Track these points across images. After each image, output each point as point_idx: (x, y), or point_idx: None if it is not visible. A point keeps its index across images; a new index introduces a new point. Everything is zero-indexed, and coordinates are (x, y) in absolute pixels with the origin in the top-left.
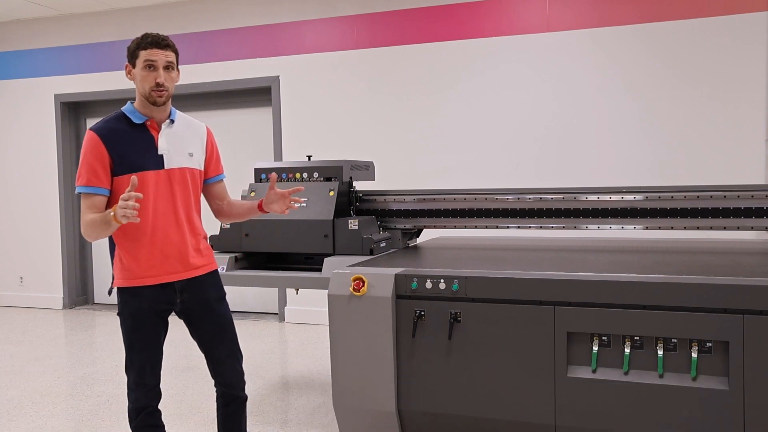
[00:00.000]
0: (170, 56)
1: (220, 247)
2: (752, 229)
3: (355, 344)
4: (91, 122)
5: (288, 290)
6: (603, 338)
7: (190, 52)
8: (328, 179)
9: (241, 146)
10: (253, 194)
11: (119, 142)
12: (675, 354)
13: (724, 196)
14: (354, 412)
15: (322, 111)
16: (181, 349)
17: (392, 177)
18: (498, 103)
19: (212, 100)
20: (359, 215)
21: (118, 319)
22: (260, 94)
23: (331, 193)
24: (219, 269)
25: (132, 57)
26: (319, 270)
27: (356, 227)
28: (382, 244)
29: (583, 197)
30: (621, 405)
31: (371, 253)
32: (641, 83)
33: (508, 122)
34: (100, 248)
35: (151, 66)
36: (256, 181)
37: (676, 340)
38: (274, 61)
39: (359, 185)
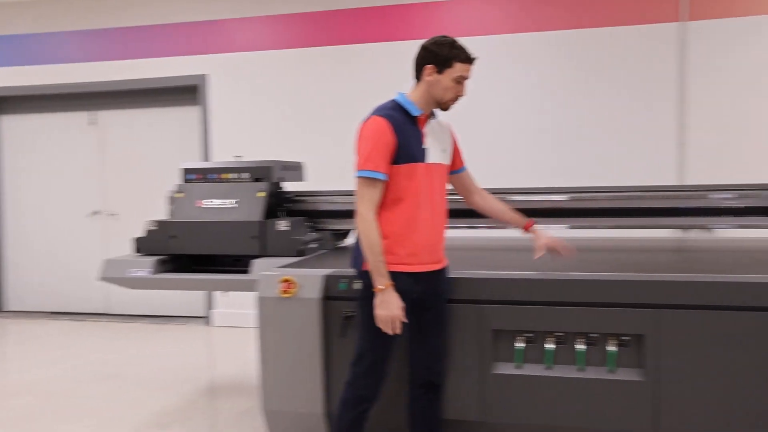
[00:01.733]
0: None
1: (144, 249)
2: (665, 228)
3: (283, 346)
4: (7, 119)
5: (216, 293)
6: (527, 335)
7: (114, 47)
8: (257, 180)
9: (167, 146)
10: (179, 195)
11: (403, 131)
12: (595, 348)
13: (640, 197)
14: (282, 415)
15: (253, 111)
16: (103, 354)
17: (323, 178)
18: None
19: (137, 98)
20: (289, 216)
21: (21, 326)
22: (188, 92)
23: (260, 194)
24: (143, 273)
25: (443, 63)
26: (248, 272)
27: (285, 228)
28: (312, 246)
29: (510, 197)
30: (545, 399)
31: (301, 254)
32: (561, 89)
33: None
34: (12, 253)
35: (461, 81)
36: (182, 181)
37: (595, 335)
38: (203, 59)
39: (289, 186)
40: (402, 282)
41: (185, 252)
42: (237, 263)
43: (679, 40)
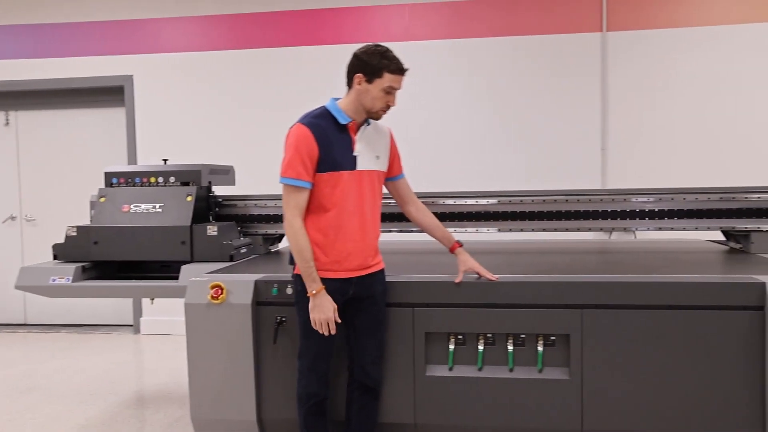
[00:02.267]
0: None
1: (64, 256)
2: (590, 230)
3: (213, 354)
4: None
5: (143, 300)
6: (459, 337)
7: (33, 45)
8: (186, 184)
9: (90, 149)
10: (102, 199)
11: (327, 139)
12: (523, 348)
13: (566, 200)
14: (213, 423)
15: (181, 113)
16: (22, 367)
17: (254, 182)
18: None
19: (58, 98)
20: (219, 221)
21: None
22: (112, 93)
23: (189, 198)
24: (64, 281)
25: (372, 72)
26: (176, 278)
27: (215, 233)
28: (243, 250)
29: (441, 201)
30: (476, 400)
31: (231, 259)
32: (493, 94)
33: None
34: None
35: (390, 91)
36: (106, 186)
37: (524, 336)
38: (128, 60)
39: (219, 190)
40: (329, 287)
41: (109, 258)
42: (165, 269)
43: (602, 49)
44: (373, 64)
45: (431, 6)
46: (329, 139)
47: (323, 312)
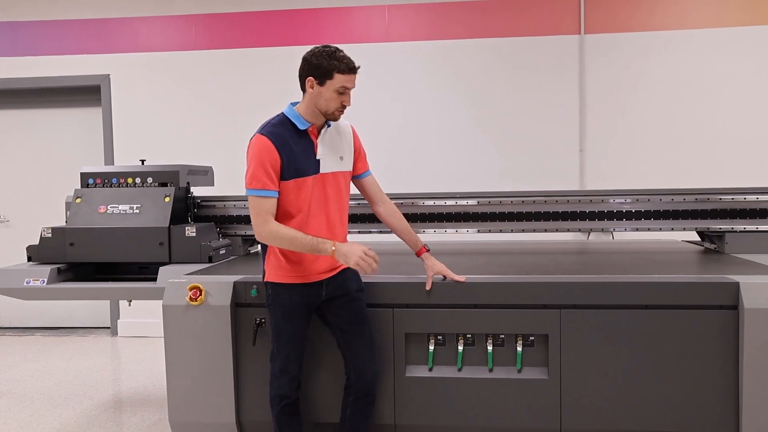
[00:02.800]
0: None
1: (40, 257)
2: (568, 230)
3: (192, 356)
4: None
5: (121, 302)
6: (438, 338)
7: (8, 43)
8: (164, 184)
9: (66, 149)
10: (78, 200)
11: (288, 147)
12: (503, 349)
13: (545, 201)
14: (192, 426)
15: (159, 113)
16: None
17: (233, 183)
18: None
19: (33, 97)
20: (197, 222)
21: None
22: (88, 93)
23: (167, 199)
24: (38, 282)
25: (323, 75)
26: (154, 280)
27: (194, 234)
28: (222, 252)
29: (420, 202)
30: (455, 400)
31: (210, 260)
32: (473, 95)
33: None
34: None
35: (344, 92)
36: (82, 186)
37: (503, 336)
38: (105, 59)
39: (197, 191)
40: (301, 293)
41: (85, 260)
42: (143, 271)
43: (580, 51)
44: (323, 66)
45: (411, 7)
46: (290, 147)
47: (353, 253)
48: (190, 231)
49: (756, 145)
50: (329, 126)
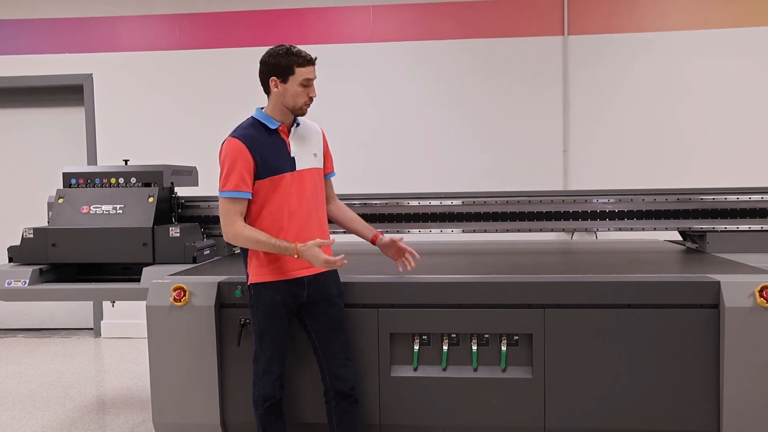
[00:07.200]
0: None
1: (21, 258)
2: (552, 230)
3: (176, 356)
4: None
5: (104, 303)
6: (423, 337)
7: None
8: (147, 185)
9: (48, 149)
10: (61, 200)
11: (260, 147)
12: (487, 348)
13: (529, 201)
14: (176, 427)
15: (142, 113)
16: None
17: (217, 183)
18: (324, 109)
19: (13, 97)
20: (181, 222)
21: None
22: (71, 92)
23: (151, 200)
24: (19, 284)
25: (284, 72)
26: (138, 280)
27: (178, 235)
28: (206, 252)
29: (405, 202)
30: (440, 400)
31: (194, 261)
32: (457, 96)
33: (334, 128)
34: None
35: (307, 84)
36: (64, 186)
37: (488, 336)
38: (87, 58)
39: (181, 191)
40: (282, 291)
41: (68, 261)
42: (127, 271)
43: (563, 52)
44: (282, 64)
45: (395, 8)
46: (263, 147)
47: (316, 258)
48: (174, 231)
49: (737, 145)
50: (298, 125)
